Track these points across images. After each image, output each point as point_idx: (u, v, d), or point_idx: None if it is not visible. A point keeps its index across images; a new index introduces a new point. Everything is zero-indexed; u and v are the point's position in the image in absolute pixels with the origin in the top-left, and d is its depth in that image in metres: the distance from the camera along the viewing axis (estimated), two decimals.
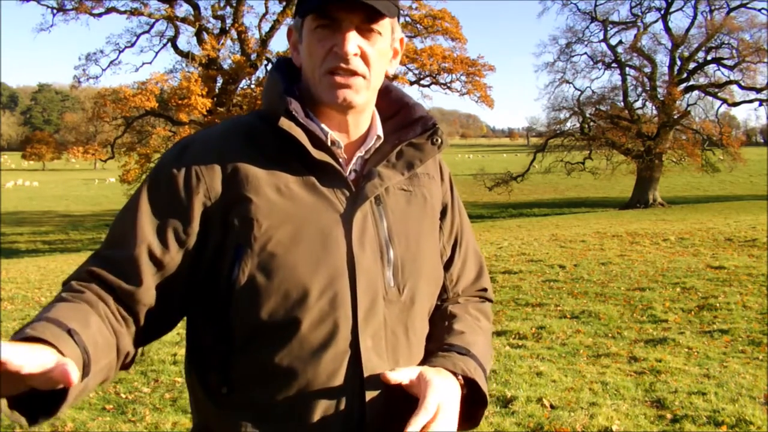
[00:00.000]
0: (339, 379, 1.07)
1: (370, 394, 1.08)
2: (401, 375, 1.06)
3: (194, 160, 1.08)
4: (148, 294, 1.05)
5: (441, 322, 1.22)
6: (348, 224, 1.09)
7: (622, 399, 4.08)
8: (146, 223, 1.06)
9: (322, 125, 1.13)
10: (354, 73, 1.08)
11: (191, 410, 1.21)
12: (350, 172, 1.15)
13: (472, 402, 1.15)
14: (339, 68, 1.07)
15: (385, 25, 1.11)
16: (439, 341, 1.19)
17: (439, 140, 1.19)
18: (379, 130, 1.18)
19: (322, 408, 1.06)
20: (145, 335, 1.08)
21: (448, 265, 1.27)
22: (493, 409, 3.94)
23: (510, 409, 3.92)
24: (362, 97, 1.11)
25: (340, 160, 1.13)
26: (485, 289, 1.33)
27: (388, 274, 1.12)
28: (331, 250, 1.07)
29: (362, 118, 1.16)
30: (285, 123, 1.07)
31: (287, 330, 1.05)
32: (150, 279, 1.05)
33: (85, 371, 0.90)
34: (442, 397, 1.04)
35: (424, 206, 1.20)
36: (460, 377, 1.12)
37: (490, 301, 1.35)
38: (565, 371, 4.66)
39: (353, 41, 1.07)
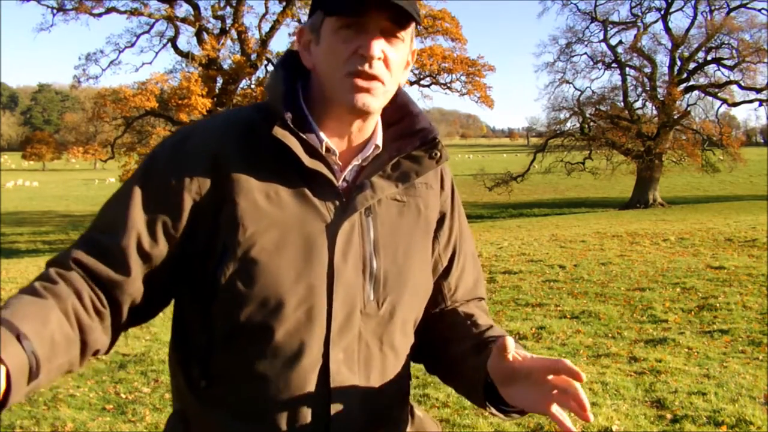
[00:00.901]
0: (309, 389, 1.07)
1: (336, 407, 1.08)
2: (514, 348, 1.02)
3: (190, 156, 1.07)
4: (134, 285, 1.04)
5: (463, 322, 1.21)
6: (333, 235, 1.08)
7: (622, 399, 4.08)
8: (138, 213, 1.04)
9: (320, 133, 1.12)
10: (375, 78, 1.07)
11: (172, 395, 1.21)
12: (343, 181, 1.14)
13: None
14: (362, 72, 1.06)
15: (408, 33, 1.11)
16: (470, 338, 1.17)
17: (438, 154, 1.17)
18: (378, 139, 1.17)
19: (291, 415, 1.07)
20: (125, 324, 1.07)
21: (446, 274, 1.25)
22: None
23: None
24: (378, 102, 1.10)
25: (335, 167, 1.11)
26: (482, 299, 1.32)
27: (368, 288, 1.11)
28: (313, 262, 1.06)
29: (368, 125, 1.15)
30: (279, 132, 1.06)
31: (262, 336, 1.05)
32: (137, 270, 1.04)
33: (34, 374, 0.90)
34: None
35: (417, 218, 1.18)
36: None
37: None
38: None
39: (379, 45, 1.06)
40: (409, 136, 1.17)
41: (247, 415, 1.08)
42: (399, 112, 1.20)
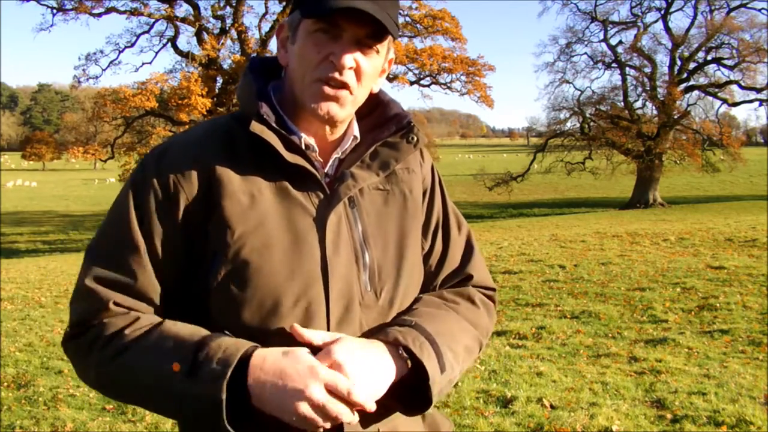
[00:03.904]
0: None
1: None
2: (311, 334, 1.02)
3: (172, 167, 1.07)
4: (160, 310, 1.08)
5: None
6: (321, 228, 1.08)
7: (622, 399, 4.08)
8: (139, 237, 1.05)
9: (297, 130, 1.11)
10: (343, 86, 1.07)
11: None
12: (325, 175, 1.13)
13: (419, 378, 1.07)
14: (331, 78, 1.06)
15: (384, 45, 1.10)
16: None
17: (415, 138, 1.17)
18: (355, 130, 1.17)
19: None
20: None
21: (427, 256, 1.23)
22: (493, 409, 3.94)
23: (510, 409, 3.92)
24: (345, 111, 1.10)
25: (315, 163, 1.11)
26: (471, 276, 1.25)
27: (364, 279, 1.10)
28: (305, 257, 1.06)
29: (339, 129, 1.15)
30: (257, 127, 1.06)
31: (263, 339, 1.04)
32: (158, 295, 1.07)
33: None
34: (348, 352, 1.00)
35: (404, 204, 1.18)
36: (401, 350, 1.06)
37: (488, 288, 1.28)
38: (565, 371, 4.66)
39: (352, 55, 1.05)
40: (384, 123, 1.18)
41: (256, 422, 1.05)
42: (371, 102, 1.20)
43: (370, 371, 1.02)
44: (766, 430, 3.56)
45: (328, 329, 1.06)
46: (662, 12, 30.51)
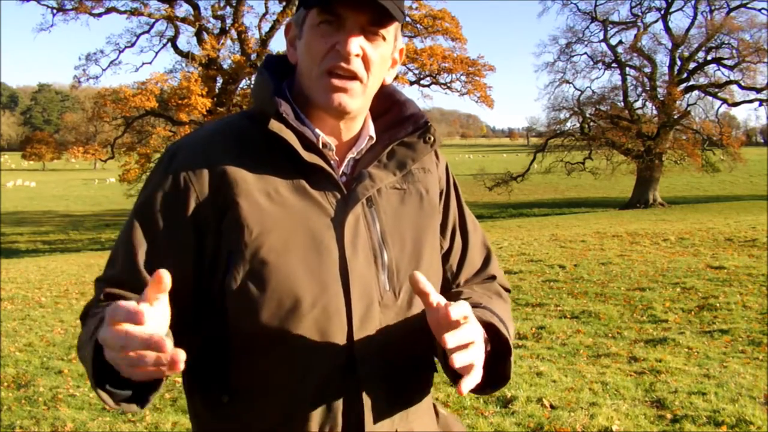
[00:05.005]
0: (336, 388, 1.06)
1: (368, 402, 1.07)
2: (428, 287, 0.98)
3: (183, 167, 1.06)
4: (174, 318, 1.06)
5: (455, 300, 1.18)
6: (340, 229, 1.07)
7: (622, 399, 4.08)
8: (141, 239, 1.05)
9: (314, 128, 1.11)
10: (352, 76, 1.06)
11: (190, 418, 1.19)
12: (342, 175, 1.13)
13: (495, 355, 1.08)
14: (338, 68, 1.05)
15: (390, 31, 1.09)
16: None
17: (432, 138, 1.17)
18: (371, 130, 1.16)
19: (320, 417, 1.06)
20: None
21: (447, 256, 1.23)
22: (493, 409, 3.94)
23: (510, 409, 3.92)
24: (357, 102, 1.08)
25: (332, 162, 1.11)
26: (493, 277, 1.28)
27: (383, 278, 1.10)
28: (323, 257, 1.05)
29: (354, 124, 1.14)
30: (275, 125, 1.05)
31: (282, 339, 1.03)
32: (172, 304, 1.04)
33: None
34: (466, 312, 0.98)
35: (420, 203, 1.17)
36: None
37: (506, 289, 1.30)
38: (565, 371, 4.66)
39: (357, 41, 1.04)
40: (400, 123, 1.17)
41: (273, 425, 1.06)
42: (386, 101, 1.20)
43: (479, 338, 1.02)
44: (766, 430, 3.56)
45: (350, 330, 1.06)
46: (662, 12, 30.55)
